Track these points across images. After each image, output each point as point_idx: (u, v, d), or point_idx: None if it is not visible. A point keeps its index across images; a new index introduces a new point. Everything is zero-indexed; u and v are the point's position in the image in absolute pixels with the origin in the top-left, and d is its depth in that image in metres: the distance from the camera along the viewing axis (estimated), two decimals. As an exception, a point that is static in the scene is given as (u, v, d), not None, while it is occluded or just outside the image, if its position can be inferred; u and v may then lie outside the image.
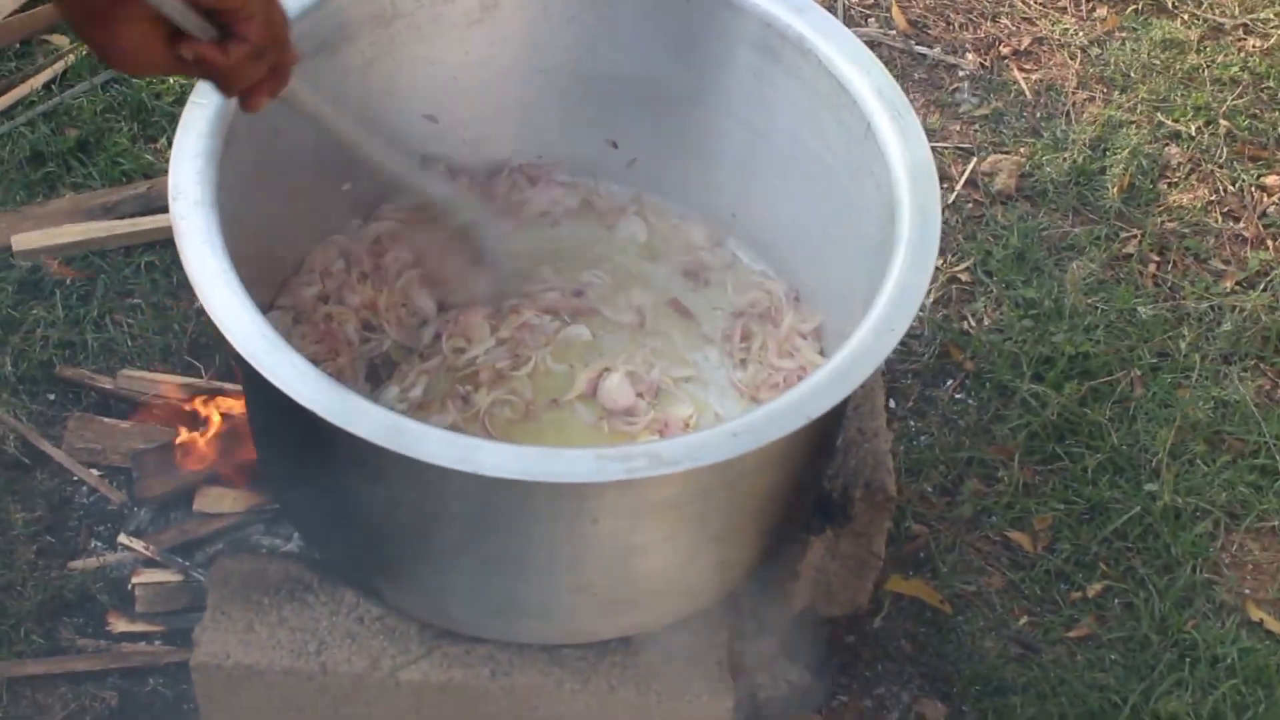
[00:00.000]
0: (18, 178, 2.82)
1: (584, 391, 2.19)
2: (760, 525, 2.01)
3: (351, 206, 2.32)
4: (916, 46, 3.32)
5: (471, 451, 1.68)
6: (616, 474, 1.68)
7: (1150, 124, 3.18)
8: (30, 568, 2.35)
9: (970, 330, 2.80)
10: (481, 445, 1.69)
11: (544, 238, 2.38)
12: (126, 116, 2.93)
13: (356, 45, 2.14)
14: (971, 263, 2.91)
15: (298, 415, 1.69)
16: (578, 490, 1.75)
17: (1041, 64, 3.32)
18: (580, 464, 1.72)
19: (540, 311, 2.26)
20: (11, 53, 3.06)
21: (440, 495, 1.80)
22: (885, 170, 1.97)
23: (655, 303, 2.31)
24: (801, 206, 2.22)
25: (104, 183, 2.83)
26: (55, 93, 2.97)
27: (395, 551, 1.98)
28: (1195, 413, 2.69)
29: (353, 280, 2.23)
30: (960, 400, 2.72)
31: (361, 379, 2.16)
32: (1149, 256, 2.97)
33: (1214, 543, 2.56)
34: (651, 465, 1.68)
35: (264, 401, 1.97)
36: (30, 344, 2.58)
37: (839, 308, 2.16)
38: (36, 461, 2.47)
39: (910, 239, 1.89)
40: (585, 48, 2.27)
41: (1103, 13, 3.43)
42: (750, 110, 2.22)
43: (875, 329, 1.81)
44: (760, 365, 2.23)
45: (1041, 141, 3.14)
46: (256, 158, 2.00)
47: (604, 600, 1.98)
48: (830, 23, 2.12)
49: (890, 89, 2.04)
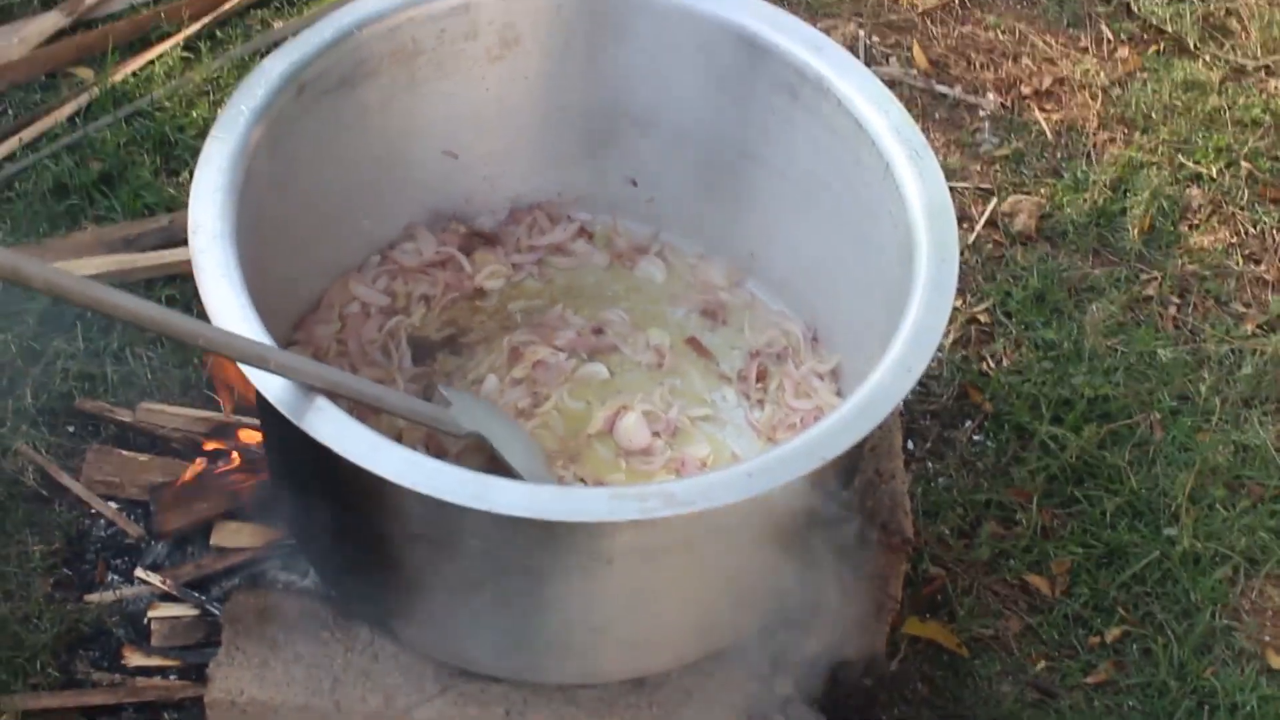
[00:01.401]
0: (41, 210, 2.83)
1: (601, 429, 2.19)
2: (776, 567, 2.00)
3: (370, 243, 2.33)
4: (937, 86, 3.32)
5: (485, 489, 1.67)
6: (631, 514, 1.68)
7: (1171, 165, 3.18)
8: (47, 600, 2.35)
9: (989, 371, 2.80)
10: (496, 483, 1.69)
11: (563, 275, 2.38)
12: (149, 150, 2.95)
13: (377, 81, 2.14)
14: (991, 303, 2.90)
15: (313, 451, 1.69)
16: (592, 529, 1.75)
17: (1062, 104, 3.32)
18: (594, 503, 1.72)
19: (557, 349, 2.26)
20: (36, 85, 3.08)
21: (455, 532, 1.80)
22: (903, 210, 1.97)
23: (673, 341, 2.30)
24: (820, 246, 2.22)
25: (126, 216, 2.84)
26: (79, 125, 2.98)
27: (410, 589, 1.97)
28: (1215, 457, 2.68)
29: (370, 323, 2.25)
30: (979, 442, 2.71)
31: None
32: (1169, 299, 2.96)
33: (1234, 588, 2.54)
34: (666, 505, 1.68)
35: (280, 437, 1.97)
36: (50, 376, 2.59)
37: (857, 348, 2.16)
38: (55, 493, 2.47)
39: (928, 280, 1.89)
40: (605, 86, 2.28)
41: (1124, 53, 3.43)
42: (770, 149, 2.22)
43: (892, 370, 1.80)
44: (777, 405, 2.23)
45: (1062, 182, 3.13)
46: (277, 193, 2.01)
47: (619, 640, 1.97)
48: (850, 62, 2.13)
49: (908, 128, 2.04)
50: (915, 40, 3.41)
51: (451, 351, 2.27)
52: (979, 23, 3.48)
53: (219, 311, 1.77)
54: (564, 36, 2.25)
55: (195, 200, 1.87)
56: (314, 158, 2.05)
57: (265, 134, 1.96)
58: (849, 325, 2.20)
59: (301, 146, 2.06)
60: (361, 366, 2.19)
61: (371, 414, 2.10)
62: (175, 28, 3.16)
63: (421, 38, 2.16)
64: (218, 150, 1.92)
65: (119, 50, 3.12)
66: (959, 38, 3.44)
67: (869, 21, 3.43)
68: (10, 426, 2.52)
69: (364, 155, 2.20)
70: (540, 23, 2.23)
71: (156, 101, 3.02)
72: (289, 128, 2.02)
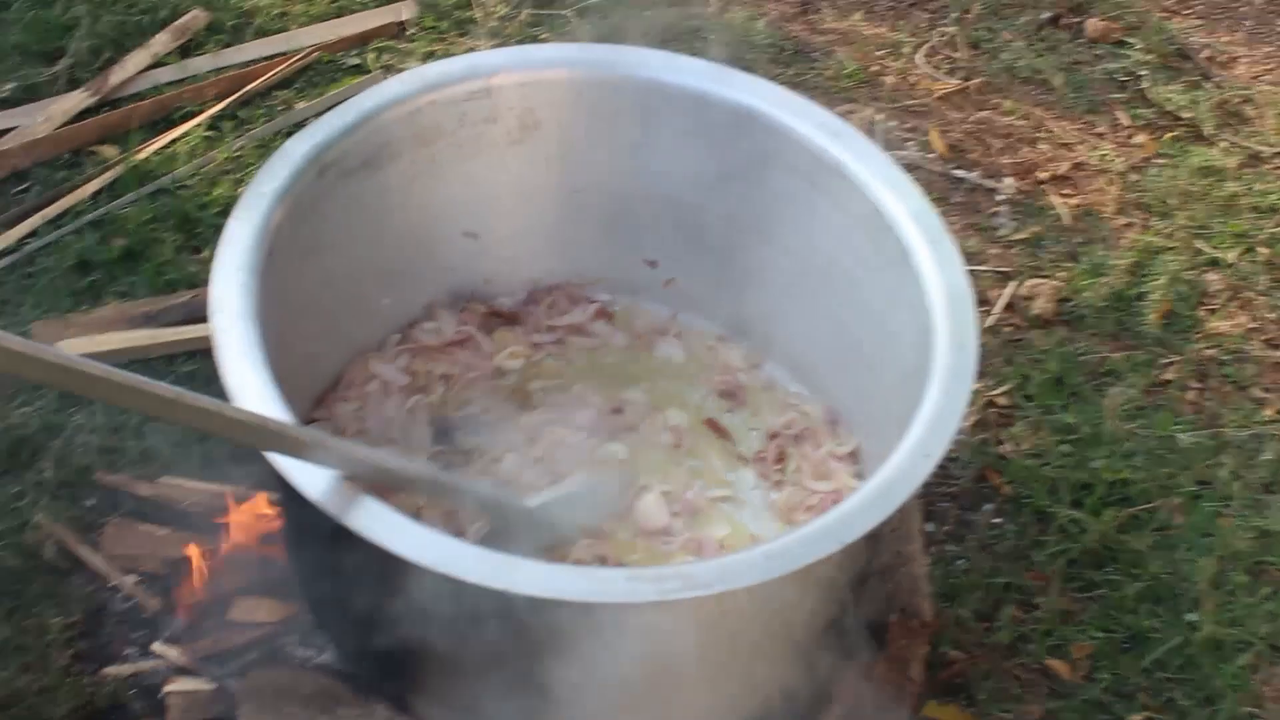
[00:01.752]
0: (64, 285, 2.85)
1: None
2: (794, 648, 1.99)
3: (389, 322, 2.34)
4: (955, 170, 3.34)
5: (504, 569, 1.67)
6: (649, 595, 1.68)
7: (1189, 250, 3.18)
8: (64, 673, 2.34)
9: (1008, 455, 2.79)
10: (516, 563, 1.69)
11: (582, 355, 2.39)
12: (172, 227, 2.97)
13: (398, 164, 2.17)
14: (1010, 387, 2.90)
15: (333, 530, 1.69)
16: (610, 610, 1.75)
17: (1080, 189, 3.34)
18: (612, 584, 1.72)
19: (576, 429, 2.26)
20: (61, 162, 3.11)
21: (473, 612, 1.80)
22: (921, 297, 1.98)
23: (692, 422, 2.31)
24: (838, 330, 2.23)
25: (148, 292, 2.86)
26: (102, 202, 3.01)
27: (428, 666, 1.97)
28: (1236, 542, 2.66)
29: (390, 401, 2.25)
30: (998, 525, 2.70)
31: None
32: (1189, 383, 2.95)
33: (1256, 675, 2.52)
34: (685, 587, 1.68)
35: (299, 515, 1.97)
36: (71, 449, 2.59)
37: (876, 431, 2.16)
38: (74, 566, 2.47)
39: (946, 366, 1.89)
40: (624, 168, 2.30)
41: (1141, 139, 3.45)
42: (788, 233, 2.24)
43: (911, 454, 1.81)
44: (796, 487, 2.23)
45: (1080, 266, 3.14)
46: (298, 272, 2.03)
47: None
48: (868, 147, 2.14)
49: (928, 214, 2.05)
50: (933, 125, 3.44)
51: (471, 431, 2.28)
52: (996, 108, 3.50)
53: (240, 391, 1.78)
54: (583, 120, 2.27)
55: (216, 279, 1.89)
56: (335, 238, 2.07)
57: (287, 214, 1.98)
58: (868, 408, 2.20)
59: (323, 227, 2.08)
60: (382, 444, 2.20)
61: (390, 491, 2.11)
62: (199, 107, 3.19)
63: (442, 121, 2.18)
64: (240, 230, 1.94)
65: (143, 129, 3.15)
66: (976, 123, 3.47)
67: (886, 106, 3.46)
68: (31, 499, 2.52)
69: (385, 235, 2.22)
70: (559, 107, 2.25)
71: (179, 179, 3.05)
72: (311, 208, 2.04)
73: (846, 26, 3.63)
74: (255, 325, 1.84)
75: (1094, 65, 3.60)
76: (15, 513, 2.50)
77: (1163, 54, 3.61)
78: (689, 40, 3.46)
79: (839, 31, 3.61)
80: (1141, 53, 3.61)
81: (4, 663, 2.33)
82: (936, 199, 3.16)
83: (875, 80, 3.51)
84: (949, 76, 3.55)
